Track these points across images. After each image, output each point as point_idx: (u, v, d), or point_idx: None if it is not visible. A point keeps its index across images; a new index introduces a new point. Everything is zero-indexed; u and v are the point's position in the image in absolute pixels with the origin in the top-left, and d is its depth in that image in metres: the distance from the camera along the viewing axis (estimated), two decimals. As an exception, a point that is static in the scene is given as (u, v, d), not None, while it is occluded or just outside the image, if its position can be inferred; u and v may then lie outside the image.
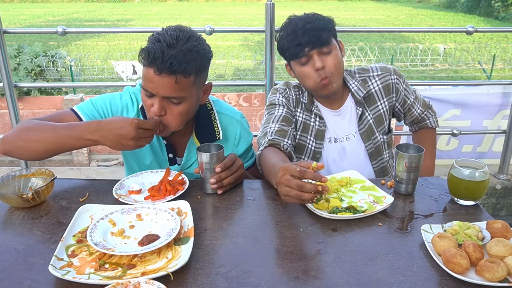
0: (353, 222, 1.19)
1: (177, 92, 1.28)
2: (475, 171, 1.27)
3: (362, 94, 1.64)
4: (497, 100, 3.07)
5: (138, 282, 0.90)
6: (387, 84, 1.67)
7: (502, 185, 2.92)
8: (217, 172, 1.31)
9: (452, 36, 14.70)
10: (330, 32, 1.54)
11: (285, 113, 1.60)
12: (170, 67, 1.22)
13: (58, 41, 14.13)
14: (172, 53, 1.22)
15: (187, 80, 1.28)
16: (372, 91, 1.66)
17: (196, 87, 1.34)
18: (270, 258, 1.04)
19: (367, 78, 1.67)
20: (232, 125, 1.55)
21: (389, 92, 1.67)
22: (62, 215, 1.23)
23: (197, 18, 20.57)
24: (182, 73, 1.25)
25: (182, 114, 1.33)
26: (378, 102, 1.67)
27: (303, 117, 1.65)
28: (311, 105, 1.64)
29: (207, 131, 1.49)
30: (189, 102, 1.33)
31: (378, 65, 1.70)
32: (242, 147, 1.58)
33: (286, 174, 1.12)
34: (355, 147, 1.66)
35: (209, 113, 1.50)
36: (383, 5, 30.17)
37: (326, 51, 1.51)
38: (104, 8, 27.54)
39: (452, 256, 0.95)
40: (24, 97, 6.12)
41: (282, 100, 1.63)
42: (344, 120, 1.66)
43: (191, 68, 1.26)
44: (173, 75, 1.24)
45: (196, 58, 1.27)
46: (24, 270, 0.98)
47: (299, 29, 1.50)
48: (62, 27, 2.27)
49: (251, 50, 12.93)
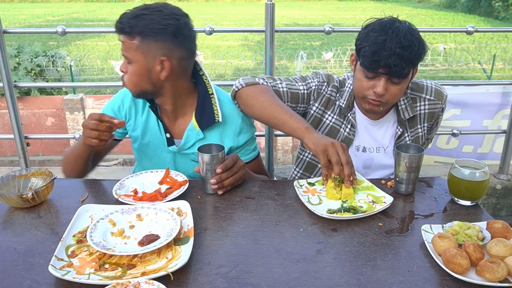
0: (353, 222, 1.19)
1: (125, 51, 1.40)
2: (476, 171, 1.27)
3: (408, 116, 1.55)
4: (497, 100, 3.06)
5: (138, 282, 0.90)
6: (433, 112, 1.60)
7: (502, 185, 2.91)
8: (217, 173, 1.31)
9: (452, 36, 14.71)
10: (415, 65, 1.42)
11: (301, 92, 1.56)
12: (117, 27, 1.38)
13: (58, 41, 14.14)
14: (129, 15, 1.36)
15: (131, 43, 1.37)
16: (417, 113, 1.58)
17: (142, 53, 1.38)
18: (270, 258, 1.03)
19: (418, 98, 1.58)
20: (234, 114, 1.56)
21: (431, 119, 1.61)
22: (62, 215, 1.23)
23: (197, 18, 20.53)
24: (126, 33, 1.37)
25: (132, 75, 1.41)
26: (419, 125, 1.60)
27: (331, 121, 1.59)
28: (348, 111, 1.57)
29: (206, 113, 1.51)
30: (137, 66, 1.40)
31: (434, 87, 1.59)
32: (243, 139, 1.58)
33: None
34: (384, 161, 1.60)
35: (209, 97, 1.52)
36: (383, 5, 30.18)
37: (397, 82, 1.41)
38: (104, 8, 27.53)
39: (452, 256, 0.95)
40: (24, 97, 6.13)
41: (312, 85, 1.57)
42: (380, 131, 1.59)
43: (134, 32, 1.35)
44: (122, 35, 1.38)
45: (141, 23, 1.35)
46: (24, 270, 0.98)
47: (388, 48, 1.33)
48: (62, 27, 2.27)
49: (251, 50, 12.93)
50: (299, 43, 14.24)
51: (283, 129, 1.42)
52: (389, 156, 1.60)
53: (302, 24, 18.77)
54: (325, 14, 23.30)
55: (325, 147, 1.26)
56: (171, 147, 1.55)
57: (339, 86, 1.60)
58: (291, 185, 1.38)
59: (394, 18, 1.43)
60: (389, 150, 1.60)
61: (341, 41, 13.34)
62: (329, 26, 2.30)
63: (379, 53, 1.34)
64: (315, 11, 24.84)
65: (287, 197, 1.34)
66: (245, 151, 1.61)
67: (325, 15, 22.66)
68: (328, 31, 2.31)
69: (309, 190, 1.36)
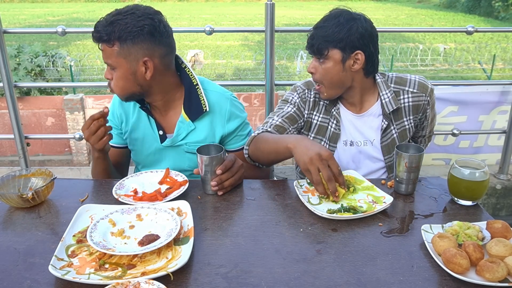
0: (353, 222, 1.19)
1: (106, 58, 1.41)
2: (475, 171, 1.27)
3: (391, 108, 1.57)
4: (494, 98, 3.07)
5: (138, 282, 0.90)
6: (417, 104, 1.61)
7: (502, 185, 2.92)
8: (217, 175, 1.32)
9: (452, 36, 14.71)
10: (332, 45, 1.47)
11: (292, 112, 1.60)
12: (96, 36, 1.38)
13: (58, 41, 14.14)
14: (102, 23, 1.37)
15: (111, 50, 1.38)
16: (401, 106, 1.60)
17: (124, 58, 1.39)
18: (270, 258, 1.03)
19: (401, 91, 1.60)
20: (221, 101, 1.58)
21: (417, 111, 1.62)
22: (62, 215, 1.23)
23: (197, 18, 20.58)
24: (104, 42, 1.38)
25: (118, 80, 1.43)
26: (404, 118, 1.61)
27: (318, 120, 1.62)
28: (332, 107, 1.60)
29: (194, 104, 1.54)
30: (121, 71, 1.42)
31: (418, 80, 1.62)
32: (233, 125, 1.60)
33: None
34: (373, 155, 1.63)
35: (195, 88, 1.54)
36: (383, 5, 30.19)
37: (321, 60, 1.50)
38: (104, 8, 27.54)
39: (452, 256, 0.95)
40: (24, 97, 6.13)
41: (296, 100, 1.61)
42: (365, 125, 1.61)
43: (110, 39, 1.36)
44: (101, 43, 1.39)
45: (117, 29, 1.35)
46: (24, 270, 0.98)
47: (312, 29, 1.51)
48: (62, 27, 2.27)
49: (251, 50, 12.94)
50: (299, 43, 14.24)
51: (282, 157, 1.46)
52: (377, 149, 1.63)
53: (302, 24, 18.76)
54: (325, 14, 23.26)
55: (305, 166, 1.26)
56: (164, 142, 1.57)
57: None
58: (291, 185, 1.39)
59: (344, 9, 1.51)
60: (376, 143, 1.62)
61: (341, 41, 13.32)
62: (329, 26, 2.29)
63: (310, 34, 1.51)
64: (315, 11, 24.82)
65: (287, 197, 1.34)
66: (238, 137, 1.63)
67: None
68: (328, 31, 2.30)
69: (309, 190, 1.36)
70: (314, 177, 1.24)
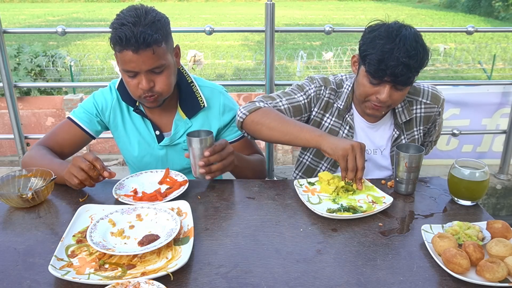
0: (353, 222, 1.19)
1: (157, 61, 1.37)
2: (475, 171, 1.27)
3: (404, 119, 1.57)
4: (496, 99, 3.07)
5: (138, 282, 0.90)
6: (429, 115, 1.61)
7: (502, 185, 2.92)
8: (205, 156, 1.32)
9: (452, 36, 14.71)
10: (419, 72, 1.41)
11: (302, 103, 1.56)
12: (144, 42, 1.31)
13: (58, 41, 14.13)
14: (140, 29, 1.31)
15: (161, 48, 1.37)
16: (413, 116, 1.59)
17: (169, 52, 1.42)
18: (270, 258, 1.03)
19: (415, 101, 1.59)
20: (215, 96, 1.60)
21: (427, 122, 1.62)
22: (62, 215, 1.23)
23: (197, 18, 20.57)
24: (155, 43, 1.34)
25: (168, 78, 1.42)
26: (415, 128, 1.61)
27: (330, 123, 1.59)
28: (346, 112, 1.57)
29: (191, 102, 1.55)
30: (169, 67, 1.42)
31: (431, 91, 1.60)
32: (228, 117, 1.61)
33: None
34: (381, 163, 1.62)
35: (190, 85, 1.57)
36: (383, 5, 30.19)
37: (401, 88, 1.41)
38: (104, 8, 27.53)
39: (452, 256, 0.95)
40: (24, 97, 6.12)
41: (311, 93, 1.57)
42: (377, 134, 1.60)
43: (160, 37, 1.35)
44: (149, 48, 1.33)
45: (160, 27, 1.36)
46: (24, 270, 0.98)
47: (395, 57, 1.32)
48: (62, 27, 2.27)
49: (251, 50, 12.93)
50: (299, 43, 14.23)
51: (297, 143, 1.42)
52: (386, 158, 1.61)
53: (302, 24, 18.75)
54: (325, 14, 23.29)
55: (344, 151, 1.27)
56: (162, 142, 1.57)
57: (336, 88, 1.60)
58: (291, 185, 1.39)
59: (400, 23, 1.41)
60: (386, 152, 1.61)
61: (341, 41, 13.34)
62: (329, 26, 2.30)
63: (386, 62, 1.33)
64: (315, 11, 24.84)
65: (287, 197, 1.34)
66: (232, 129, 1.63)
67: (325, 15, 22.64)
68: (328, 31, 2.31)
69: (309, 189, 1.36)
70: (352, 163, 1.27)
